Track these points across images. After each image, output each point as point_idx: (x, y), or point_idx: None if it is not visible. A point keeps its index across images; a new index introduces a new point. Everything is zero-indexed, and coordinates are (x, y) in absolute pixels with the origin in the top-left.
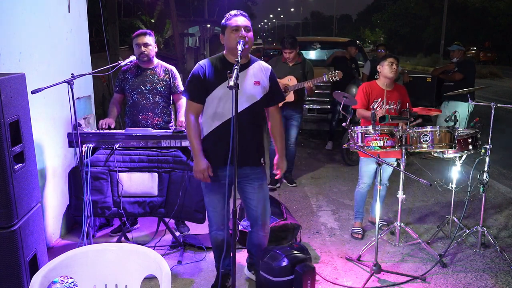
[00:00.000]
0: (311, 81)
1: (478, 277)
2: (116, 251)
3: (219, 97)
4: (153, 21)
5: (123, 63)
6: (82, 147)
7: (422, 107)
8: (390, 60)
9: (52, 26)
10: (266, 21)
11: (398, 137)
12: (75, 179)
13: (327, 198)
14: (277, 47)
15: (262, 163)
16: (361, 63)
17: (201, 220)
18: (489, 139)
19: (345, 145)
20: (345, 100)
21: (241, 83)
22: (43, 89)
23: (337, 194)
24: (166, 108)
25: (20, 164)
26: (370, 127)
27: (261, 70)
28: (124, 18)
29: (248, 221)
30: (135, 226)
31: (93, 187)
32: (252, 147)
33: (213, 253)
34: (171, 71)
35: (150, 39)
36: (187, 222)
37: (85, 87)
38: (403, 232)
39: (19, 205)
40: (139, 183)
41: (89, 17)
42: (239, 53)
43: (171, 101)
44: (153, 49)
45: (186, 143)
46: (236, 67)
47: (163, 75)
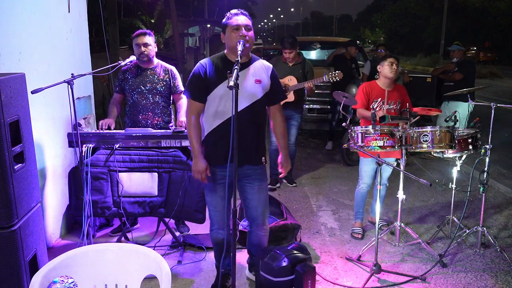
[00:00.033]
0: (311, 81)
1: (478, 277)
2: (116, 251)
3: (220, 95)
4: (153, 21)
5: (123, 63)
6: (82, 147)
7: (422, 107)
8: (390, 60)
9: (52, 26)
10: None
11: (398, 137)
12: (75, 179)
13: (327, 198)
14: (277, 47)
15: (262, 162)
16: (361, 63)
17: (201, 220)
18: (489, 139)
19: (345, 145)
20: (345, 100)
21: (242, 82)
22: (43, 89)
23: (337, 194)
24: (166, 108)
25: (20, 164)
26: (370, 127)
27: (263, 68)
28: (124, 18)
29: (247, 220)
30: (135, 226)
31: (93, 187)
32: (253, 145)
33: (214, 252)
34: (171, 71)
35: (150, 39)
36: (187, 222)
37: (85, 87)
38: (403, 232)
39: (19, 205)
40: (139, 183)
41: (89, 17)
42: (239, 53)
43: (171, 101)
44: (153, 49)
45: (186, 143)
46: (236, 67)
47: (163, 75)
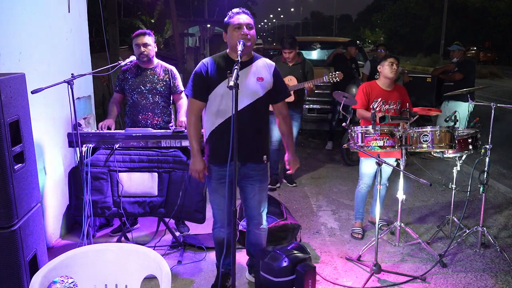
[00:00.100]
0: (311, 81)
1: (478, 277)
2: (116, 251)
3: (221, 94)
4: (153, 21)
5: (123, 63)
6: (82, 147)
7: (422, 107)
8: (391, 60)
9: (52, 26)
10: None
11: (398, 137)
12: (75, 179)
13: (327, 198)
14: (277, 47)
15: (264, 161)
16: (361, 63)
17: (201, 220)
18: (489, 139)
19: (345, 145)
20: (345, 100)
21: (244, 80)
22: (43, 89)
23: (337, 194)
24: (166, 108)
25: (20, 164)
26: (370, 127)
27: (265, 66)
28: (124, 18)
29: (246, 219)
30: (135, 226)
31: (93, 187)
32: (254, 144)
33: (215, 251)
34: (171, 71)
35: (149, 39)
36: (187, 222)
37: (85, 87)
38: (403, 232)
39: (19, 205)
40: (139, 183)
41: (89, 17)
42: (239, 53)
43: (171, 101)
44: (152, 49)
45: (186, 143)
46: (236, 67)
47: (163, 75)
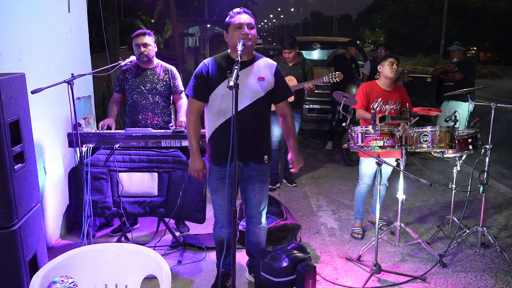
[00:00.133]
0: (311, 81)
1: (478, 277)
2: (116, 251)
3: (222, 94)
4: (153, 21)
5: (123, 63)
6: (82, 147)
7: (422, 107)
8: (391, 60)
9: (52, 26)
10: (266, 21)
11: (398, 137)
12: (75, 179)
13: (327, 198)
14: (277, 47)
15: (265, 161)
16: (361, 63)
17: (201, 220)
18: (489, 139)
19: (345, 145)
20: (345, 100)
21: (244, 80)
22: (43, 89)
23: (337, 194)
24: (166, 108)
25: (20, 164)
26: (370, 127)
27: (266, 66)
28: (124, 18)
29: (246, 218)
30: (135, 226)
31: (93, 187)
32: (254, 143)
33: (215, 250)
34: (171, 71)
35: (149, 39)
36: (187, 222)
37: (85, 87)
38: (403, 232)
39: (19, 205)
40: (139, 183)
41: (89, 17)
42: (239, 53)
43: (171, 101)
44: (152, 49)
45: (186, 143)
46: (236, 67)
47: (163, 75)
